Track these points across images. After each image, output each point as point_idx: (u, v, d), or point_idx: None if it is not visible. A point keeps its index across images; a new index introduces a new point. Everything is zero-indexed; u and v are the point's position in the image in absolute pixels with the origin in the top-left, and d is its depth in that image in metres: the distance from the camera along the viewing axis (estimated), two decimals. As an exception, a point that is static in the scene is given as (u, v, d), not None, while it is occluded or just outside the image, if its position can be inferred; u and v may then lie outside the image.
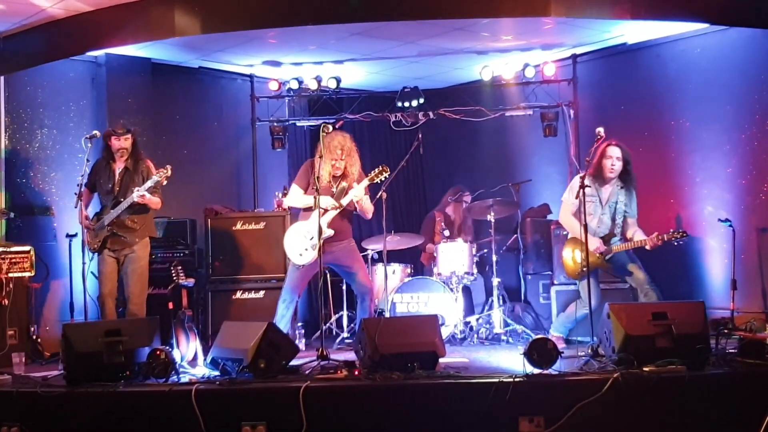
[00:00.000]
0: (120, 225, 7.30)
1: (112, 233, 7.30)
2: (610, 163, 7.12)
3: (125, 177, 7.38)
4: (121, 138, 7.38)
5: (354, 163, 7.20)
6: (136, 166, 7.42)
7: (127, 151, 7.41)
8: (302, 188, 7.27)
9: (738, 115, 8.63)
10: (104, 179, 7.45)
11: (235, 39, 8.92)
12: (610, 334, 5.83)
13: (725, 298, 8.06)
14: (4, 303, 7.43)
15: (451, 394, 5.39)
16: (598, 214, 7.20)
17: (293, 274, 7.26)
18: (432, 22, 8.37)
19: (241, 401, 5.39)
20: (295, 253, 7.17)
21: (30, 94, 8.82)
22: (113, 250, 7.35)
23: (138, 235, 7.37)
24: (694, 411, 5.26)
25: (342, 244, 7.18)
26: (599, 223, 7.20)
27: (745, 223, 8.42)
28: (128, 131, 7.45)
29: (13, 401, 5.59)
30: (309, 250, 7.09)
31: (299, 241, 7.14)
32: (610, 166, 7.12)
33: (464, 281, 8.60)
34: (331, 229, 6.96)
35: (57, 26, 7.99)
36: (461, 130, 10.62)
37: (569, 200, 7.21)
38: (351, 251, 7.28)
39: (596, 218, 7.19)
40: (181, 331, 6.72)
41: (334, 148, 7.07)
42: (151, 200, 7.30)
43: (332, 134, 7.08)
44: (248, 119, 10.53)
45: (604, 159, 7.13)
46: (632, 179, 7.21)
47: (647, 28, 9.00)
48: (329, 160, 7.09)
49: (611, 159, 7.11)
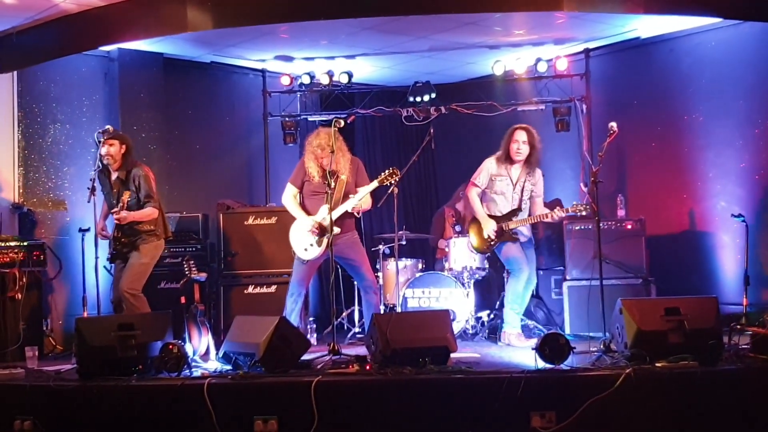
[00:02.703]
0: (124, 234, 7.16)
1: (119, 241, 7.18)
2: (516, 146, 7.57)
3: (120, 189, 7.16)
4: (105, 143, 7.13)
5: (343, 155, 7.16)
6: (127, 177, 7.17)
7: (113, 158, 7.15)
8: (297, 186, 7.30)
9: (751, 110, 8.59)
10: (106, 188, 7.34)
11: (247, 34, 8.92)
12: (622, 330, 5.82)
13: (738, 294, 8.02)
14: (17, 297, 7.48)
15: (462, 389, 5.38)
16: (510, 192, 7.67)
17: (299, 268, 7.27)
18: (444, 17, 8.35)
19: (253, 395, 5.40)
20: (301, 248, 7.18)
21: (43, 89, 8.85)
22: (124, 253, 7.24)
23: (145, 239, 7.18)
24: (706, 407, 5.25)
25: (345, 237, 7.17)
26: (510, 201, 7.66)
27: (759, 218, 8.37)
28: (113, 136, 7.18)
29: (27, 395, 5.63)
30: (314, 246, 7.10)
31: (304, 236, 7.16)
32: (516, 149, 7.58)
33: (476, 276, 8.59)
34: (337, 227, 6.96)
35: (69, 21, 8.00)
36: (473, 125, 10.59)
37: (477, 181, 7.73)
38: (354, 244, 7.28)
39: (508, 197, 7.68)
40: (193, 325, 6.74)
41: (317, 148, 7.08)
42: (138, 216, 7.09)
43: (313, 134, 7.20)
44: (260, 114, 10.53)
45: (511, 143, 7.58)
46: (536, 160, 7.66)
47: (660, 23, 8.96)
48: (312, 159, 7.12)
49: (517, 143, 7.58)
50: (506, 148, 7.62)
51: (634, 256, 8.18)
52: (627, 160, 9.57)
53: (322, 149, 7.03)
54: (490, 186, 7.72)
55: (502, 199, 7.69)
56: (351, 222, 7.29)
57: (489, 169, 7.71)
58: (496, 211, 7.70)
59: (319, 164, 7.09)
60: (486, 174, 7.71)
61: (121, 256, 7.22)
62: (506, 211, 7.66)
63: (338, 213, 7.01)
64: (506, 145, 7.62)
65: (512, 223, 7.61)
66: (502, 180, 7.67)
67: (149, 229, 7.21)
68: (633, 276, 8.12)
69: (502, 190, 7.68)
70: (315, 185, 7.15)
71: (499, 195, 7.70)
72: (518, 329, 7.64)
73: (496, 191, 7.71)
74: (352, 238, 7.28)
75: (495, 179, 7.69)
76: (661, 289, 8.14)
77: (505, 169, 7.68)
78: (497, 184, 7.69)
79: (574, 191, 9.84)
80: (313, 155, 7.12)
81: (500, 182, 7.68)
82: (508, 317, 7.65)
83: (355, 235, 7.34)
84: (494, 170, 7.70)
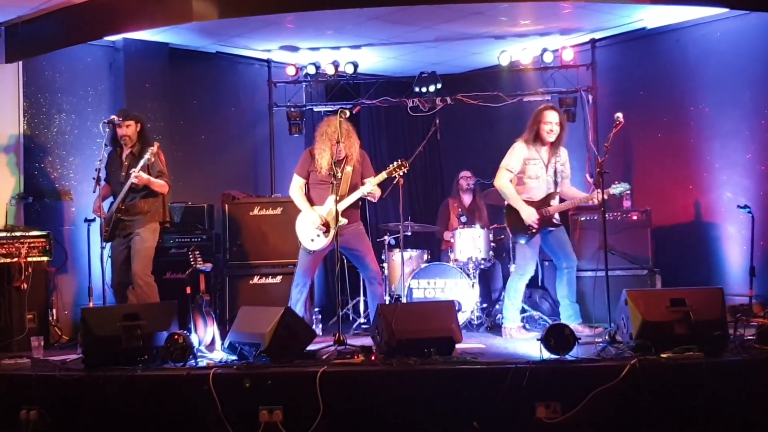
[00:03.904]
0: (127, 210, 7.29)
1: (120, 219, 7.30)
2: (548, 128, 7.29)
3: (131, 163, 7.32)
4: (122, 125, 7.35)
5: (353, 144, 7.19)
6: (141, 152, 7.32)
7: (130, 138, 7.39)
8: (303, 177, 7.31)
9: (757, 101, 8.57)
10: (115, 168, 7.47)
11: (252, 24, 8.91)
12: (627, 321, 5.82)
13: (744, 285, 8.02)
14: (22, 287, 7.48)
15: (467, 379, 5.39)
16: (543, 176, 7.35)
17: (304, 259, 7.28)
18: (450, 7, 8.33)
19: (259, 386, 5.41)
20: (307, 238, 7.19)
21: (48, 79, 8.85)
22: (123, 236, 7.35)
23: (145, 220, 7.33)
24: (711, 398, 5.24)
25: (351, 227, 7.18)
26: (545, 185, 7.36)
27: (765, 209, 8.36)
28: (128, 117, 7.41)
29: (32, 385, 5.63)
30: (321, 236, 7.11)
31: (311, 227, 7.16)
32: (549, 130, 7.29)
33: (481, 267, 8.59)
34: (344, 218, 6.97)
35: (75, 11, 8.00)
36: (479, 115, 10.58)
37: (510, 166, 7.34)
38: (359, 234, 7.30)
39: (543, 180, 7.35)
40: (198, 315, 6.75)
41: (332, 134, 7.08)
42: (153, 182, 7.25)
43: (326, 120, 7.22)
44: (265, 104, 10.52)
45: (542, 124, 7.29)
46: (563, 140, 7.40)
47: (667, 13, 8.93)
48: (328, 147, 7.11)
49: (550, 124, 7.29)
50: (536, 130, 7.30)
51: (639, 247, 8.18)
52: (633, 151, 9.55)
53: (337, 133, 7.04)
54: (523, 170, 7.35)
55: (536, 183, 7.35)
56: (357, 213, 7.30)
57: (521, 153, 7.35)
58: (530, 196, 7.35)
59: (333, 152, 7.09)
60: (519, 158, 7.34)
61: (119, 235, 7.33)
62: (541, 196, 7.35)
63: (345, 204, 7.01)
64: (536, 127, 7.30)
65: (552, 208, 7.31)
66: (536, 163, 7.33)
67: (149, 210, 7.36)
68: (638, 267, 8.11)
69: (536, 174, 7.33)
70: (322, 175, 7.16)
71: (534, 179, 7.35)
72: (518, 322, 7.57)
73: (530, 176, 7.35)
74: (357, 228, 7.28)
75: (528, 163, 7.34)
76: (666, 280, 8.14)
77: (536, 152, 7.34)
78: (530, 167, 7.34)
79: (579, 182, 9.79)
80: (329, 142, 7.10)
81: (534, 165, 7.33)
82: (508, 312, 7.49)
83: (361, 226, 7.36)
84: (526, 153, 7.34)
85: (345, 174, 7.09)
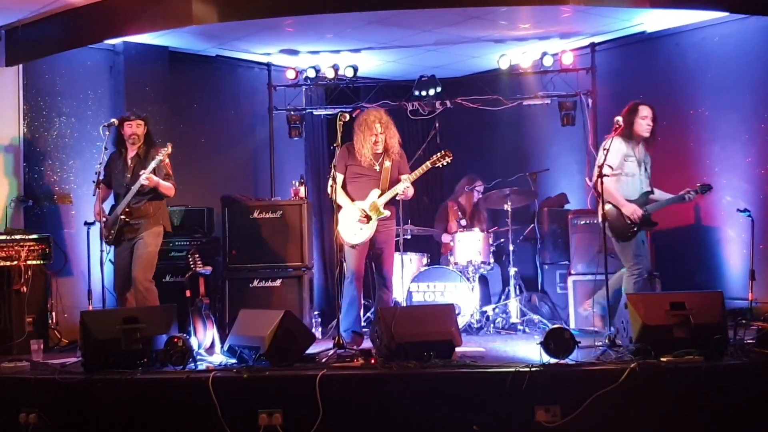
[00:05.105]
0: (132, 213, 7.27)
1: (126, 222, 7.28)
2: (646, 123, 7.04)
3: (137, 165, 7.32)
4: (132, 123, 7.37)
5: (393, 135, 7.13)
6: (147, 154, 7.35)
7: (138, 138, 7.39)
8: (341, 173, 7.19)
9: (757, 105, 8.56)
10: (118, 170, 7.43)
11: (252, 27, 8.91)
12: (627, 324, 5.83)
13: (743, 289, 8.00)
14: (22, 290, 7.48)
15: (467, 383, 5.39)
16: (638, 174, 7.10)
17: (350, 254, 7.17)
18: (449, 11, 8.34)
19: (258, 389, 5.41)
20: (350, 233, 7.09)
21: (48, 83, 8.85)
22: (128, 240, 7.33)
23: (150, 223, 7.32)
24: (711, 401, 5.24)
25: (388, 225, 7.18)
26: (639, 183, 7.10)
27: (764, 213, 8.35)
28: (140, 117, 7.46)
29: (32, 388, 5.63)
30: (363, 229, 7.06)
31: (353, 221, 7.09)
32: (647, 125, 7.05)
33: (481, 270, 8.59)
34: (387, 210, 7.00)
35: (75, 14, 8.01)
36: (478, 119, 10.57)
37: (611, 162, 6.75)
38: (390, 238, 7.28)
39: (638, 178, 7.10)
40: (198, 318, 6.76)
41: (372, 123, 7.02)
42: (162, 184, 7.26)
43: (366, 111, 7.14)
44: (265, 108, 10.53)
45: (638, 118, 7.03)
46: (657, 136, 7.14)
47: (666, 17, 8.93)
48: (369, 137, 7.04)
49: (646, 119, 7.05)
50: (631, 126, 6.98)
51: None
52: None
53: (380, 123, 7.01)
54: (621, 168, 6.99)
55: (631, 181, 7.03)
56: (394, 210, 7.25)
57: (621, 149, 6.95)
58: (625, 195, 7.01)
59: (374, 142, 7.03)
60: (619, 154, 6.94)
61: (124, 239, 7.30)
62: (637, 194, 7.05)
63: (387, 197, 7.01)
64: (630, 123, 6.97)
65: (650, 206, 7.04)
66: (633, 161, 7.03)
67: (155, 214, 7.35)
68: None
69: (632, 172, 7.03)
70: (359, 168, 7.08)
71: (630, 177, 7.03)
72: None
73: (627, 173, 7.03)
74: (392, 227, 7.27)
75: (627, 159, 7.01)
76: (666, 283, 8.14)
77: (632, 149, 7.04)
78: (628, 165, 7.01)
79: (579, 186, 9.84)
80: (369, 131, 7.02)
81: (630, 163, 7.02)
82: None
83: (394, 227, 7.33)
84: (625, 150, 6.99)
85: (384, 169, 7.06)
